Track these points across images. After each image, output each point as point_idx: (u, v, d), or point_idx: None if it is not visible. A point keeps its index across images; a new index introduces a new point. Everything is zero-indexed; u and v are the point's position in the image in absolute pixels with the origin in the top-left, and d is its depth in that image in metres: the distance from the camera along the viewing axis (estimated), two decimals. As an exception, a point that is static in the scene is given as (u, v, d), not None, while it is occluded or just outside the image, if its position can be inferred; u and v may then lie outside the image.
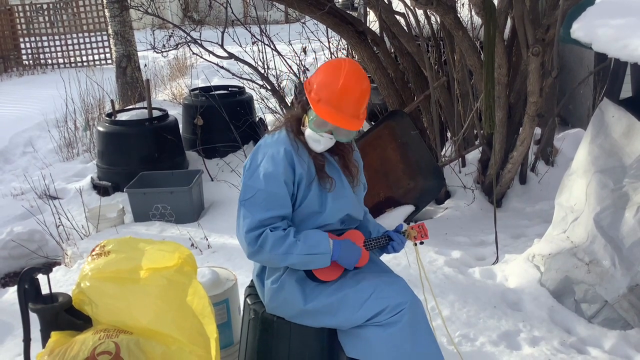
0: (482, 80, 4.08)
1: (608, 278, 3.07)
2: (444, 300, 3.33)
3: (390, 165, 4.65)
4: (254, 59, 5.95)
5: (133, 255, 2.27)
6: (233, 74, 5.85)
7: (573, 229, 3.33)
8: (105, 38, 13.67)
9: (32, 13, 14.87)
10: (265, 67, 6.10)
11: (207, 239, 4.52)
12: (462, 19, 4.51)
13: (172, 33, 5.90)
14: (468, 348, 2.98)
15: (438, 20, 5.24)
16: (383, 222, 4.27)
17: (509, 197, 4.89)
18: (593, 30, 2.95)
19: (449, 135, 5.45)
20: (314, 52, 6.60)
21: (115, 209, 5.06)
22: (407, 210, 4.63)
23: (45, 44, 14.33)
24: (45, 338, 2.21)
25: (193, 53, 6.02)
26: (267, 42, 5.97)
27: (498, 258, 3.86)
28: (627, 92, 3.68)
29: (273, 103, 6.53)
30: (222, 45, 5.41)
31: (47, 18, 14.88)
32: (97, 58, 14.09)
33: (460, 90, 5.03)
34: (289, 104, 5.68)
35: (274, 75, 6.19)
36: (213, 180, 5.85)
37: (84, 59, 14.11)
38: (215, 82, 8.24)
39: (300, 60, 6.32)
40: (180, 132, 6.35)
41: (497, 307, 3.31)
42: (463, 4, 5.89)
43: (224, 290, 2.87)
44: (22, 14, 14.74)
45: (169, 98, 9.46)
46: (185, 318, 2.18)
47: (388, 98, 5.07)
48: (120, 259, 2.25)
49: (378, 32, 5.14)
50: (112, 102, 6.56)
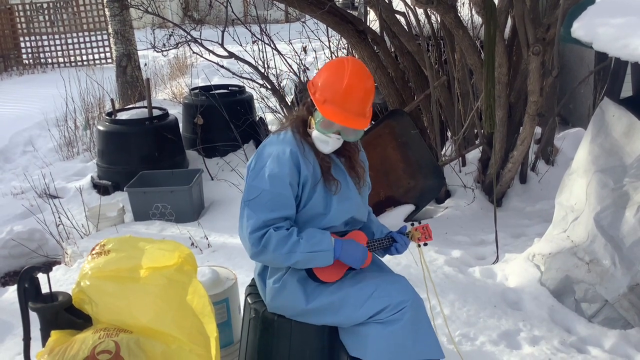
0: (482, 80, 4.07)
1: (608, 277, 3.06)
2: (444, 300, 3.33)
3: (391, 165, 4.65)
4: (254, 58, 5.94)
5: (133, 254, 2.27)
6: (233, 73, 5.84)
7: (573, 229, 3.32)
8: (106, 37, 13.67)
9: (32, 12, 14.86)
10: (266, 66, 6.09)
11: (207, 238, 4.52)
12: (462, 18, 4.50)
13: (172, 32, 5.89)
14: (468, 347, 2.98)
15: (438, 20, 5.23)
16: (383, 221, 4.27)
17: (509, 196, 4.89)
18: (593, 30, 2.95)
19: (449, 135, 5.45)
20: (314, 51, 6.59)
21: (116, 208, 5.06)
22: (407, 210, 4.63)
23: (46, 43, 14.33)
24: (45, 337, 2.21)
25: (193, 52, 6.01)
26: (267, 41, 5.96)
27: (498, 257, 3.86)
28: (627, 91, 3.68)
29: (273, 102, 6.53)
30: (222, 45, 5.40)
31: (47, 17, 14.89)
32: (97, 57, 14.09)
33: (461, 90, 5.03)
34: (289, 104, 5.68)
35: (274, 75, 6.19)
36: (213, 180, 5.85)
37: (84, 58, 14.11)
38: (216, 81, 8.24)
39: (301, 60, 6.32)
40: (181, 131, 6.35)
41: (497, 306, 3.31)
42: (463, 3, 5.88)
43: (224, 290, 2.87)
44: (22, 13, 14.74)
45: (169, 97, 9.46)
46: (185, 317, 2.18)
47: (388, 97, 5.07)
48: (120, 258, 2.25)
49: (378, 31, 5.14)
50: (112, 101, 6.56)
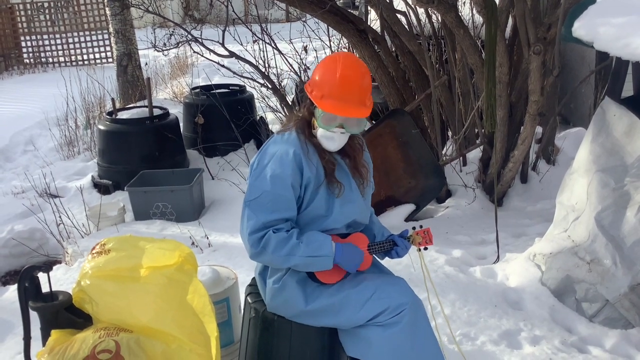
0: (483, 79, 4.07)
1: (609, 277, 3.06)
2: (445, 300, 3.32)
3: (391, 164, 4.65)
4: (255, 58, 5.94)
5: (133, 254, 2.27)
6: (234, 73, 5.84)
7: (574, 228, 3.32)
8: (106, 36, 13.67)
9: (33, 11, 14.86)
10: (266, 65, 6.09)
11: (207, 238, 4.52)
12: (463, 18, 4.50)
13: (173, 31, 5.89)
14: (469, 347, 2.98)
15: (439, 19, 5.23)
16: (384, 221, 4.27)
17: (510, 196, 4.89)
18: (594, 29, 2.94)
19: (450, 134, 5.44)
20: (315, 50, 6.59)
21: (116, 208, 5.06)
22: (407, 209, 4.63)
23: (46, 43, 14.33)
24: (46, 336, 2.21)
25: (194, 52, 6.01)
26: (268, 40, 5.96)
27: (499, 257, 3.85)
28: (628, 91, 3.67)
29: (274, 102, 6.53)
30: (223, 44, 5.40)
31: (48, 16, 14.88)
32: (98, 56, 14.09)
33: (461, 89, 5.03)
34: (290, 103, 5.68)
35: (275, 74, 6.19)
36: (214, 179, 5.85)
37: (85, 58, 14.11)
38: (216, 80, 8.24)
39: (301, 59, 6.32)
40: (181, 130, 6.35)
41: (497, 306, 3.31)
42: (464, 3, 5.88)
43: (225, 289, 2.87)
44: (23, 13, 14.74)
45: (170, 96, 9.46)
46: (186, 316, 2.18)
47: (389, 97, 5.07)
48: (121, 258, 2.25)
49: (379, 30, 5.14)
50: (112, 100, 6.56)
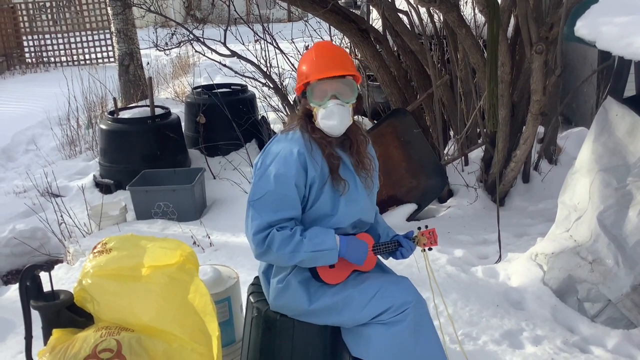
0: (485, 79, 4.07)
1: (611, 277, 3.06)
2: (447, 299, 3.32)
3: (393, 164, 4.65)
4: (257, 57, 5.94)
5: (135, 253, 2.26)
6: (235, 72, 5.84)
7: (576, 228, 3.31)
8: (108, 36, 13.67)
9: (35, 11, 14.87)
10: (268, 65, 6.09)
11: (209, 237, 4.52)
12: (465, 17, 4.49)
13: (174, 31, 5.89)
14: (471, 347, 2.98)
15: (441, 18, 5.23)
16: (386, 220, 4.26)
17: (512, 195, 4.88)
18: (597, 28, 2.93)
19: (452, 134, 5.44)
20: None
21: (118, 207, 5.06)
22: (409, 209, 4.63)
23: (48, 42, 14.34)
24: (47, 335, 2.21)
25: (196, 51, 6.01)
26: (269, 40, 5.96)
27: (501, 257, 3.85)
28: (630, 90, 3.67)
29: (275, 101, 6.53)
30: (224, 44, 5.40)
31: (50, 16, 14.88)
32: (99, 56, 14.09)
33: (463, 89, 5.02)
34: (292, 102, 5.68)
35: (277, 74, 6.19)
36: (215, 179, 5.85)
37: (87, 57, 14.11)
38: (218, 80, 8.25)
39: (303, 59, 6.31)
40: (183, 130, 6.35)
41: (499, 305, 3.30)
42: (466, 2, 5.88)
43: (226, 288, 2.86)
44: (25, 12, 14.75)
45: (172, 96, 9.46)
46: (187, 316, 2.18)
47: (391, 96, 5.06)
48: (122, 257, 2.25)
49: (381, 30, 5.13)
50: (114, 100, 6.56)
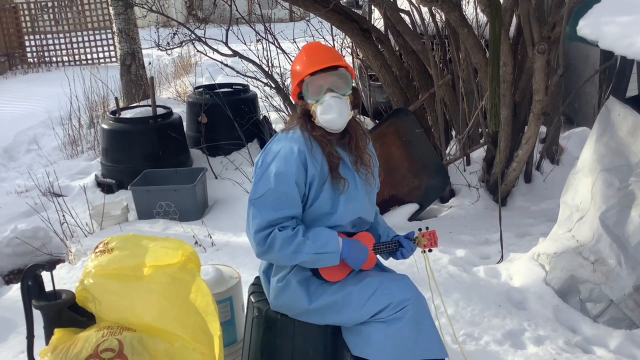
0: (487, 79, 4.06)
1: (614, 277, 3.05)
2: (448, 299, 3.32)
3: (395, 164, 4.64)
4: (259, 57, 5.94)
5: (136, 253, 2.26)
6: (237, 72, 5.84)
7: (578, 228, 3.31)
8: (110, 36, 13.67)
9: (37, 11, 14.88)
10: (270, 65, 6.09)
11: (210, 237, 4.52)
12: (467, 17, 4.49)
13: (176, 31, 5.89)
14: (472, 347, 2.97)
15: (443, 18, 5.22)
16: (387, 220, 4.26)
17: (514, 195, 4.87)
18: (599, 28, 2.93)
19: (454, 134, 5.43)
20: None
21: (119, 207, 5.06)
22: (411, 209, 4.62)
23: (50, 42, 14.34)
24: (49, 335, 2.21)
25: (197, 51, 6.01)
26: (271, 40, 5.96)
27: (503, 257, 3.85)
28: (633, 90, 3.66)
29: (277, 101, 6.52)
30: (226, 43, 5.40)
31: (51, 16, 14.89)
32: (101, 56, 14.09)
33: (465, 89, 5.02)
34: (293, 102, 5.68)
35: (278, 73, 6.19)
36: (217, 178, 5.85)
37: (89, 57, 14.12)
38: (220, 80, 8.25)
39: (305, 58, 6.30)
40: (185, 129, 6.35)
41: (501, 306, 3.30)
42: (468, 2, 5.87)
43: (228, 288, 2.86)
44: (27, 12, 14.76)
45: (173, 96, 9.47)
46: (189, 315, 2.18)
47: (392, 96, 5.06)
48: (124, 256, 2.25)
49: (383, 30, 5.13)
50: (116, 99, 6.56)
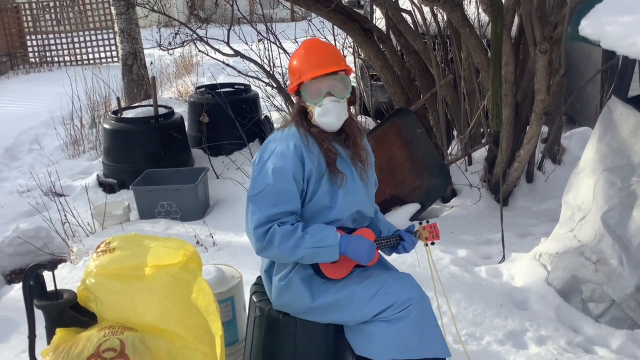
0: (489, 78, 4.06)
1: (615, 277, 3.05)
2: (450, 299, 3.31)
3: (396, 163, 4.64)
4: (260, 57, 5.94)
5: (138, 252, 2.26)
6: (239, 72, 5.84)
7: (580, 228, 3.31)
8: (112, 36, 13.69)
9: (38, 11, 14.89)
10: (271, 64, 6.09)
11: (212, 237, 4.52)
12: (469, 17, 4.48)
13: (178, 31, 5.89)
14: (474, 347, 2.97)
15: (445, 18, 5.22)
16: (389, 220, 4.26)
17: (516, 195, 4.87)
18: (601, 28, 2.92)
19: (455, 134, 5.43)
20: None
21: (121, 206, 5.06)
22: (413, 209, 4.62)
23: (52, 42, 14.36)
24: (50, 335, 2.21)
25: (199, 51, 6.01)
26: (273, 39, 5.96)
27: (504, 257, 3.84)
28: (635, 90, 3.65)
29: (279, 101, 6.52)
30: (228, 43, 5.40)
31: (53, 16, 14.90)
32: (103, 56, 14.11)
33: (467, 88, 5.02)
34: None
35: (280, 73, 6.19)
36: (218, 178, 5.85)
37: (90, 57, 14.13)
38: (221, 79, 8.23)
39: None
40: (186, 129, 6.35)
41: (503, 305, 3.30)
42: (470, 1, 5.86)
43: (229, 288, 2.86)
44: (28, 12, 14.77)
45: (175, 96, 9.47)
46: (190, 315, 2.18)
47: (394, 96, 5.06)
48: (125, 256, 2.25)
49: (384, 29, 5.13)
50: (118, 99, 6.57)
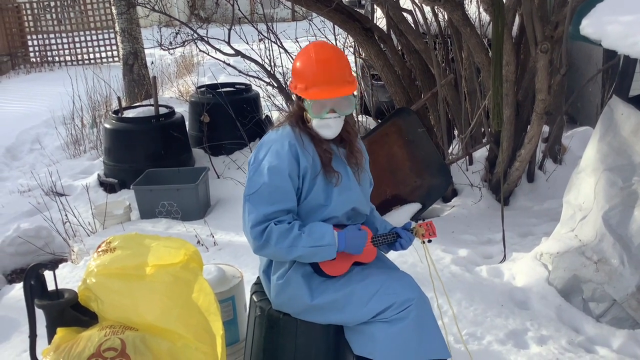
0: (489, 78, 4.06)
1: (617, 277, 3.04)
2: (451, 299, 3.30)
3: (397, 163, 4.64)
4: (261, 57, 5.94)
5: (139, 252, 2.26)
6: (240, 72, 5.84)
7: (581, 228, 3.30)
8: (112, 35, 13.71)
9: (39, 10, 14.90)
10: (272, 64, 6.09)
11: (213, 236, 4.52)
12: (469, 16, 4.48)
13: (178, 30, 5.89)
14: (475, 347, 2.97)
15: (445, 17, 5.21)
16: (390, 220, 4.26)
17: (517, 195, 4.87)
18: (602, 27, 2.92)
19: (456, 133, 5.43)
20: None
21: (122, 206, 5.06)
22: (413, 209, 4.62)
23: (53, 42, 14.37)
24: (51, 334, 2.21)
25: (200, 50, 6.01)
26: (273, 39, 5.96)
27: (505, 256, 3.84)
28: (636, 89, 3.65)
29: (279, 100, 6.52)
30: (228, 43, 5.40)
31: (54, 15, 14.92)
32: (104, 55, 14.12)
33: (468, 88, 5.01)
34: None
35: (281, 73, 6.19)
36: (219, 178, 5.85)
37: (91, 57, 14.14)
38: (222, 79, 8.23)
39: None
40: (187, 129, 6.35)
41: (504, 305, 3.29)
42: (471, 1, 5.86)
43: (230, 288, 2.86)
44: (29, 12, 14.78)
45: (176, 95, 9.47)
46: (191, 315, 2.18)
47: (395, 95, 5.05)
48: (126, 256, 2.25)
49: (385, 29, 5.12)
50: (118, 99, 6.57)
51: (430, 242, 2.55)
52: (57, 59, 14.33)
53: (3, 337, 3.40)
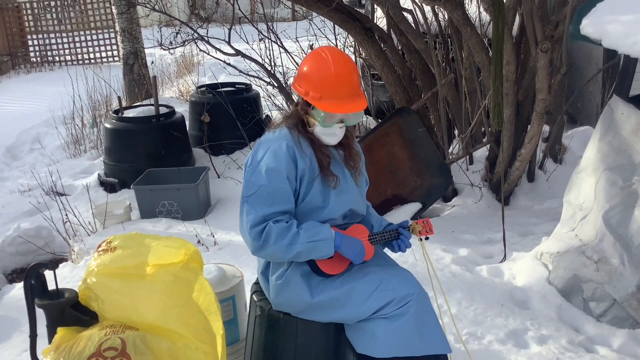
0: (490, 77, 4.06)
1: (617, 276, 3.04)
2: (451, 298, 3.31)
3: (397, 163, 4.64)
4: (261, 56, 5.94)
5: (139, 251, 2.26)
6: (240, 71, 5.84)
7: (582, 227, 3.30)
8: (113, 35, 13.71)
9: (39, 10, 14.90)
10: (272, 64, 6.09)
11: (213, 236, 4.52)
12: (470, 16, 4.48)
13: (179, 30, 5.89)
14: (475, 346, 2.97)
15: (446, 17, 5.21)
16: (390, 219, 4.26)
17: (517, 194, 4.87)
18: (603, 27, 2.92)
19: (457, 133, 5.43)
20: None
21: (122, 206, 5.07)
22: (414, 208, 4.62)
23: (53, 41, 14.38)
24: (52, 334, 2.21)
25: (200, 50, 6.01)
26: (274, 39, 5.96)
27: (506, 256, 3.84)
28: (636, 89, 3.65)
29: (280, 100, 6.52)
30: (229, 43, 5.40)
31: (54, 15, 14.92)
32: (104, 55, 14.12)
33: (468, 88, 5.01)
34: (294, 101, 5.68)
35: (281, 73, 6.19)
36: (219, 177, 5.85)
37: (92, 56, 14.15)
38: (222, 79, 8.23)
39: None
40: (187, 129, 6.36)
41: (504, 305, 3.29)
42: (471, 0, 5.86)
43: (230, 287, 2.86)
44: (29, 11, 14.78)
45: (176, 95, 9.47)
46: (192, 314, 2.18)
47: (395, 95, 5.05)
48: (127, 255, 2.25)
49: (385, 29, 5.13)
50: (119, 99, 6.58)
51: (428, 239, 2.54)
52: (57, 59, 14.33)
53: (3, 336, 3.40)
